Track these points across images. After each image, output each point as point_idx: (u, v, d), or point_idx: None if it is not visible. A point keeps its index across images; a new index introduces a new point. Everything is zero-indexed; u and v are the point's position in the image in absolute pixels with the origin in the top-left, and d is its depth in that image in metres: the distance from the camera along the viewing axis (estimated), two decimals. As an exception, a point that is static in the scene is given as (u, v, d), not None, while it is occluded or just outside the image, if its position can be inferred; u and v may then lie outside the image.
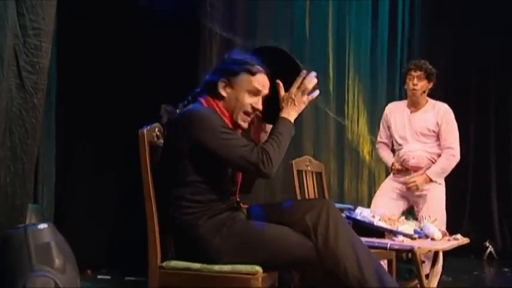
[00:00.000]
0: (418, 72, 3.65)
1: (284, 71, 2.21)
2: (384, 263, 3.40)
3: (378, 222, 2.44)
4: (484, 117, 6.99)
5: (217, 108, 2.20)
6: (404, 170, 3.69)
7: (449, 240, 2.54)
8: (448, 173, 3.70)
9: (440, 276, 5.18)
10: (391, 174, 3.79)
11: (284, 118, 2.16)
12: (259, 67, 2.20)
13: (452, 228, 6.85)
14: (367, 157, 5.39)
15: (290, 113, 2.16)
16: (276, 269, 2.24)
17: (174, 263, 2.19)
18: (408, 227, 2.45)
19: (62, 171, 4.62)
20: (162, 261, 2.19)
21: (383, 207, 3.35)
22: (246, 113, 2.21)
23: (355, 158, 5.34)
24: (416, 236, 2.43)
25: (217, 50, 4.32)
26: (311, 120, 4.97)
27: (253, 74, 2.19)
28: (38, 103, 2.44)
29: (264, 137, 2.25)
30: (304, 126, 4.91)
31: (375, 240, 2.34)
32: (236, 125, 2.23)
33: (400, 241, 2.33)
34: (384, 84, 5.56)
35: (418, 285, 2.41)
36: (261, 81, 2.20)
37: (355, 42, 5.39)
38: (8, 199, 2.32)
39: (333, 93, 5.16)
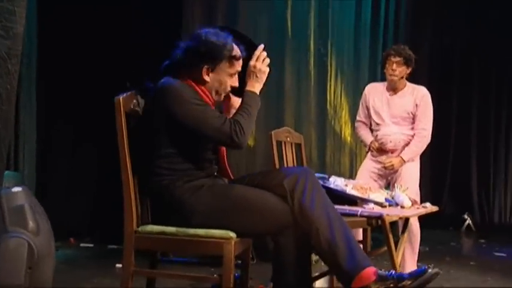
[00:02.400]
0: (397, 58, 3.68)
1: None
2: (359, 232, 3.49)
3: (350, 190, 2.50)
4: (467, 97, 7.12)
5: (196, 87, 2.24)
6: (382, 150, 3.74)
7: (418, 208, 2.60)
8: (420, 153, 3.79)
9: (420, 246, 5.37)
10: (369, 154, 3.84)
11: (250, 91, 2.24)
12: (238, 50, 2.27)
13: (432, 201, 7.06)
14: (348, 131, 5.45)
15: (254, 85, 2.25)
16: (253, 232, 2.26)
17: (150, 228, 2.24)
18: (379, 195, 2.51)
19: (44, 140, 4.64)
20: (137, 227, 2.24)
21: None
22: (225, 92, 2.31)
23: (337, 132, 5.39)
24: (386, 204, 2.49)
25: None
26: (292, 93, 5.00)
27: (237, 59, 2.26)
28: (13, 69, 2.43)
29: (233, 112, 2.31)
30: (285, 98, 4.94)
31: (346, 208, 2.40)
32: (214, 102, 2.29)
33: (371, 208, 2.39)
34: (366, 62, 5.59)
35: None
36: (240, 63, 2.28)
37: (338, 19, 5.39)
38: (-16, 164, 2.33)
39: (314, 67, 5.18)
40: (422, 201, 3.80)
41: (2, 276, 1.70)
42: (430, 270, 2.07)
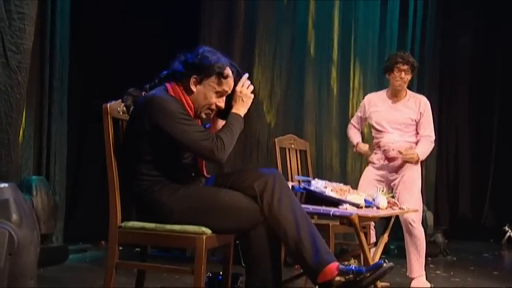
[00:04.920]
0: (406, 66, 3.73)
1: None
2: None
3: (328, 192, 2.59)
4: (508, 109, 6.96)
5: (182, 97, 2.40)
6: (384, 158, 3.77)
7: (393, 209, 2.66)
8: (427, 155, 3.85)
9: (446, 255, 5.32)
10: (370, 159, 3.83)
11: (235, 113, 2.42)
12: (229, 70, 2.43)
13: (472, 213, 6.94)
14: (370, 141, 5.47)
15: (240, 109, 2.43)
16: (227, 230, 2.43)
17: (132, 224, 2.43)
18: (357, 197, 2.58)
19: (76, 148, 4.98)
20: (121, 222, 2.44)
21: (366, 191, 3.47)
22: (210, 109, 2.46)
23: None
24: (364, 204, 2.57)
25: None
26: (313, 103, 5.10)
27: (224, 77, 2.41)
28: (22, 80, 2.72)
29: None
30: (306, 108, 5.05)
31: (321, 208, 2.50)
32: (197, 116, 2.46)
33: (344, 209, 2.48)
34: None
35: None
36: (230, 84, 2.44)
37: (362, 29, 5.44)
38: (-7, 165, 2.61)
39: (336, 77, 5.26)
40: (427, 207, 3.79)
41: (-16, 261, 1.93)
42: (385, 265, 2.18)
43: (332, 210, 2.46)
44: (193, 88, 2.40)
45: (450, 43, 6.77)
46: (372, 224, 3.62)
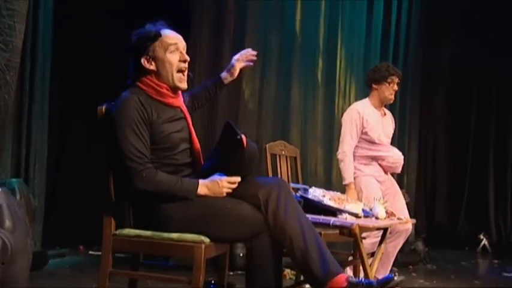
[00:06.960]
0: (397, 80, 3.76)
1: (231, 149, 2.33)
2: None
3: (327, 201, 2.56)
4: (484, 115, 7.10)
5: (156, 86, 2.34)
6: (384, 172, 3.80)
7: (392, 219, 2.64)
8: None
9: (426, 263, 5.35)
10: (368, 175, 3.77)
11: (197, 186, 2.28)
12: (159, 26, 2.38)
13: (448, 221, 7.02)
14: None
15: (203, 188, 2.29)
16: (228, 239, 2.38)
17: (127, 231, 2.35)
18: (356, 206, 2.56)
19: (56, 150, 4.84)
20: (115, 230, 2.35)
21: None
22: (179, 71, 2.39)
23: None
24: (362, 214, 2.54)
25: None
26: (298, 109, 5.07)
27: (160, 35, 2.36)
28: (11, 80, 2.61)
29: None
30: (292, 114, 5.02)
31: (320, 217, 2.46)
32: (176, 89, 2.39)
33: (344, 218, 2.45)
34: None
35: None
36: (170, 35, 2.38)
37: (347, 35, 5.45)
38: (-20, 167, 2.49)
39: (321, 83, 5.25)
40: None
41: (-24, 269, 1.84)
42: (396, 278, 2.13)
43: (332, 219, 2.43)
44: (150, 67, 2.35)
45: (431, 51, 6.84)
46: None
